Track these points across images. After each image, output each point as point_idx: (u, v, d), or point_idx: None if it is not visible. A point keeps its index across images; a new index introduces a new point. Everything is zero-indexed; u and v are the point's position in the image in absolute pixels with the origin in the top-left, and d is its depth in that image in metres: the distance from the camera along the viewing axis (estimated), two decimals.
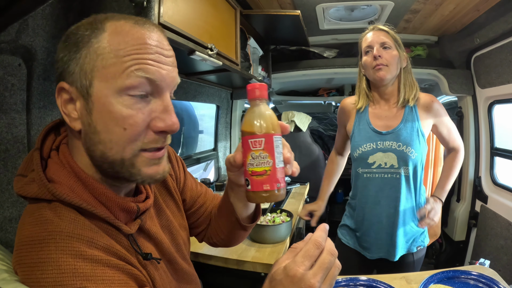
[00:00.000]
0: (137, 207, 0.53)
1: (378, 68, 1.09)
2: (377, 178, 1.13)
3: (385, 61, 1.09)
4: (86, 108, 0.45)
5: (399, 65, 1.11)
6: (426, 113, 1.13)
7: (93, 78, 0.44)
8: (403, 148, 1.09)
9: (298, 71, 2.23)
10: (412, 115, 1.12)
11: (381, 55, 1.09)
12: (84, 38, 0.44)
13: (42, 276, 0.41)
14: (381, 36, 1.11)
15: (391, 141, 1.11)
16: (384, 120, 1.15)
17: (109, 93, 0.44)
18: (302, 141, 2.40)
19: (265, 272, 1.03)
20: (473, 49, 1.87)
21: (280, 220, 1.19)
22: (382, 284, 0.87)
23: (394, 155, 1.10)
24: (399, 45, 1.12)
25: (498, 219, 1.75)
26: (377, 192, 1.13)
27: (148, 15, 0.78)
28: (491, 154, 1.93)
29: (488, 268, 0.93)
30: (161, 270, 0.58)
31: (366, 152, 1.14)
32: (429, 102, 1.13)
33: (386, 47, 1.10)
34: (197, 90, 1.78)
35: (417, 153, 1.09)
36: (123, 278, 0.46)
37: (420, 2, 1.56)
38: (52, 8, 0.80)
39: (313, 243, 0.42)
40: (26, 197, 0.48)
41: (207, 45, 1.06)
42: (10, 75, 0.75)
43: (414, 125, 1.11)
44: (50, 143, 0.52)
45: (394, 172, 1.11)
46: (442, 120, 1.15)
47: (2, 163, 0.76)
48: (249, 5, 1.54)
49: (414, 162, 1.10)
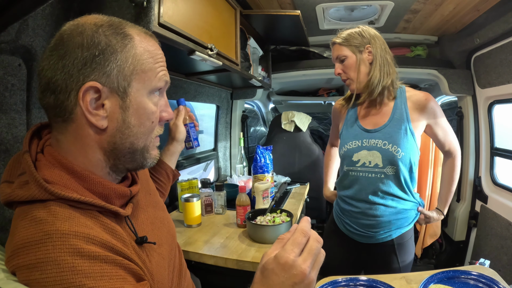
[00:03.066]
0: (129, 191, 0.58)
1: (346, 84, 1.15)
2: (361, 177, 1.12)
3: (345, 75, 1.13)
4: (122, 106, 0.51)
5: (362, 66, 1.09)
6: (419, 112, 1.09)
7: (132, 80, 0.51)
8: (389, 147, 1.06)
9: (298, 71, 2.23)
10: (401, 112, 1.09)
11: (340, 72, 1.13)
12: (117, 42, 0.50)
13: (41, 277, 0.41)
14: (334, 50, 1.14)
15: (377, 139, 1.08)
16: (372, 117, 1.14)
17: (144, 93, 0.53)
18: (302, 141, 2.40)
19: None
20: (473, 49, 1.87)
21: (280, 220, 1.19)
22: (382, 284, 0.87)
23: (379, 154, 1.08)
24: (355, 44, 1.09)
25: (498, 219, 1.75)
26: (361, 190, 1.13)
27: (148, 15, 0.78)
28: (491, 154, 1.93)
29: (488, 268, 0.92)
30: (156, 254, 0.60)
31: (351, 149, 1.13)
32: (422, 100, 1.09)
33: (342, 59, 1.12)
34: (197, 90, 1.78)
35: (404, 152, 1.05)
36: (121, 273, 0.47)
37: (420, 2, 1.56)
38: (52, 8, 0.80)
39: (300, 232, 0.45)
40: (14, 202, 0.48)
41: (207, 45, 1.06)
42: (10, 75, 0.75)
43: (402, 123, 1.07)
44: (35, 146, 0.53)
45: (379, 171, 1.09)
46: (437, 121, 1.10)
47: (2, 163, 0.76)
48: (249, 5, 1.54)
49: (401, 162, 1.06)
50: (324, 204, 2.39)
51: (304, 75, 2.23)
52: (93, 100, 0.49)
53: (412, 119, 1.08)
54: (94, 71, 0.48)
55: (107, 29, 0.49)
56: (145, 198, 0.68)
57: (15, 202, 0.48)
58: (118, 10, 0.80)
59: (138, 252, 0.55)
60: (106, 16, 0.52)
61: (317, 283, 0.88)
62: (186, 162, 1.84)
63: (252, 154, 2.75)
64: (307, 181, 2.09)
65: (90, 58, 0.47)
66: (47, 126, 0.57)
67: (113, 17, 0.52)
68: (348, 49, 1.10)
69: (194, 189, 1.54)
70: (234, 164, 2.41)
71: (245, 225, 1.25)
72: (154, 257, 0.59)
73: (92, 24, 0.49)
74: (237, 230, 1.27)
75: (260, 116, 3.21)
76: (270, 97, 3.05)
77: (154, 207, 0.70)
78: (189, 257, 1.09)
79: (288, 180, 1.99)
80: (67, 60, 0.47)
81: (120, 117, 0.51)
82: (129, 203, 0.59)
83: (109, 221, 0.51)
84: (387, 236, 1.14)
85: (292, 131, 2.42)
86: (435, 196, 2.00)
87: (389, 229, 1.14)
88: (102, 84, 0.48)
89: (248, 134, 2.73)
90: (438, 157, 1.97)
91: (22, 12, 0.67)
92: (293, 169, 2.35)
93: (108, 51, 0.48)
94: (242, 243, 1.15)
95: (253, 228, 1.17)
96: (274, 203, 1.30)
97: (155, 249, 0.60)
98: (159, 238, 0.64)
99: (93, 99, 0.49)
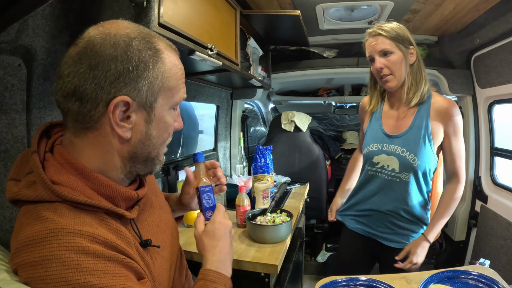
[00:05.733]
0: (136, 194, 0.58)
1: (384, 80, 1.09)
2: (379, 177, 1.17)
3: (388, 70, 1.07)
4: (147, 119, 0.53)
5: (405, 65, 1.07)
6: (439, 120, 1.07)
7: (159, 95, 0.53)
8: (406, 155, 1.09)
9: (298, 71, 2.22)
10: (422, 118, 1.08)
11: (382, 67, 1.07)
12: (150, 58, 0.51)
13: (46, 274, 0.41)
14: (378, 43, 1.07)
15: (397, 145, 1.11)
16: (395, 120, 1.15)
17: (166, 108, 0.56)
18: (302, 141, 2.40)
19: (265, 272, 1.03)
20: (473, 49, 1.87)
21: (280, 220, 1.19)
22: (382, 284, 0.87)
23: (396, 160, 1.11)
24: (402, 41, 1.06)
25: (498, 219, 1.75)
26: (378, 189, 1.18)
27: (148, 15, 0.78)
28: (491, 154, 1.93)
29: (488, 268, 0.92)
30: (159, 257, 0.61)
31: (372, 151, 1.17)
32: (443, 108, 1.07)
33: (387, 53, 1.06)
34: (197, 90, 1.78)
35: (420, 161, 1.06)
36: (124, 271, 0.47)
37: (420, 2, 1.56)
38: (52, 8, 0.80)
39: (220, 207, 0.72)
40: (21, 201, 0.48)
41: (207, 45, 1.06)
42: (10, 75, 0.75)
43: (422, 130, 1.07)
44: (44, 146, 0.53)
45: (395, 176, 1.13)
46: (451, 139, 1.08)
47: (2, 164, 0.76)
48: (249, 5, 1.54)
49: (416, 170, 1.08)
50: (324, 204, 2.39)
51: (304, 75, 2.23)
52: (121, 113, 0.50)
53: (432, 127, 1.08)
54: (126, 86, 0.49)
55: (140, 43, 0.50)
56: (152, 200, 0.69)
57: (21, 201, 0.48)
58: (118, 10, 0.80)
59: (141, 254, 0.55)
60: (135, 25, 0.52)
61: (317, 283, 0.88)
62: (186, 162, 1.84)
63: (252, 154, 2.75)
64: (307, 181, 2.08)
65: (124, 73, 0.48)
66: (57, 125, 0.58)
67: (141, 27, 0.53)
68: (395, 44, 1.05)
69: None
70: (234, 164, 2.41)
71: (245, 225, 1.25)
72: (157, 259, 0.59)
73: (124, 35, 0.49)
74: (237, 230, 1.27)
75: (260, 116, 3.21)
76: (270, 97, 3.05)
77: (160, 209, 0.70)
78: (190, 257, 1.09)
79: (288, 180, 1.99)
80: (99, 71, 0.47)
81: (143, 130, 0.53)
82: (135, 206, 0.59)
83: (114, 222, 0.52)
84: None
85: (292, 131, 2.41)
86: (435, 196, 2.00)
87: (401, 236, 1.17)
88: (133, 99, 0.50)
89: (248, 134, 2.73)
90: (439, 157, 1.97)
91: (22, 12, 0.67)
92: (293, 169, 2.35)
93: (141, 67, 0.50)
94: (242, 243, 1.15)
95: (253, 228, 1.17)
96: (274, 203, 1.30)
97: (158, 252, 0.61)
98: (163, 240, 0.65)
99: (121, 112, 0.50)
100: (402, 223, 1.15)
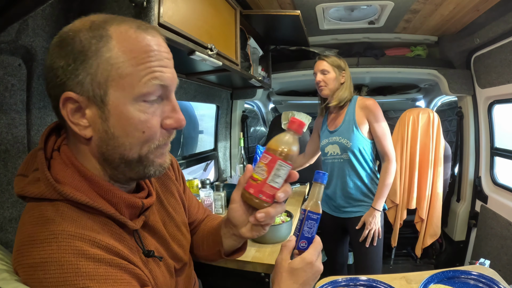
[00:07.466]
0: (142, 202, 0.54)
1: (320, 88, 1.52)
2: (331, 163, 1.56)
3: (324, 83, 1.51)
4: (101, 116, 0.47)
5: (336, 82, 1.51)
6: (362, 112, 1.48)
7: (108, 87, 0.46)
8: (343, 141, 1.49)
9: (298, 71, 2.23)
10: (350, 115, 1.50)
11: (320, 80, 1.51)
12: (91, 46, 0.45)
13: (44, 276, 0.41)
14: (320, 66, 1.51)
15: (336, 136, 1.52)
16: (334, 121, 1.57)
17: (127, 101, 0.47)
18: (302, 141, 2.39)
19: (265, 272, 1.03)
20: (473, 49, 1.87)
21: (280, 220, 1.19)
22: (382, 284, 0.87)
23: (337, 146, 1.52)
24: (338, 67, 1.51)
25: (498, 219, 1.75)
26: (332, 172, 1.55)
27: (148, 15, 0.78)
28: (491, 154, 1.93)
29: (488, 268, 0.93)
30: (163, 267, 0.59)
31: (324, 145, 1.59)
32: (364, 103, 1.48)
33: (325, 72, 1.50)
34: (197, 90, 1.78)
35: (352, 142, 1.46)
36: (126, 277, 0.46)
37: (420, 2, 1.56)
38: (52, 8, 0.80)
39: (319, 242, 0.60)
40: (26, 197, 0.48)
41: (207, 45, 1.06)
42: (10, 75, 0.75)
43: (350, 123, 1.48)
44: (52, 143, 0.52)
45: (339, 158, 1.52)
46: (374, 125, 1.46)
47: (2, 163, 0.76)
48: (249, 5, 1.54)
49: (350, 149, 1.47)
50: None
51: (304, 75, 2.23)
52: (74, 110, 0.47)
53: (357, 118, 1.48)
54: (69, 80, 0.46)
55: (86, 33, 0.45)
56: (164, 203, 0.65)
57: (24, 197, 0.48)
58: (118, 10, 0.80)
59: (145, 261, 0.54)
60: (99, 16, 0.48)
61: (317, 283, 0.88)
62: (186, 162, 1.84)
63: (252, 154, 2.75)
64: (307, 181, 2.09)
65: (65, 68, 0.45)
66: None
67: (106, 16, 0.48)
68: (332, 67, 1.51)
69: (194, 189, 1.54)
70: (234, 164, 2.41)
71: None
72: (162, 267, 0.58)
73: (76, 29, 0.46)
74: None
75: (260, 116, 3.21)
76: (270, 97, 3.05)
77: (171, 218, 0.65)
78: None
79: None
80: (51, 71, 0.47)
81: (101, 128, 0.47)
82: (141, 216, 0.56)
83: (117, 227, 0.50)
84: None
85: None
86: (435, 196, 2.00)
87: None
88: (78, 94, 0.46)
89: (248, 134, 2.73)
90: (438, 157, 1.97)
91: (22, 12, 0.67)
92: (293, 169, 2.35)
93: (80, 58, 0.45)
94: None
95: None
96: None
97: (164, 260, 0.59)
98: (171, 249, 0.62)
99: (73, 109, 0.47)
100: (355, 195, 1.50)
